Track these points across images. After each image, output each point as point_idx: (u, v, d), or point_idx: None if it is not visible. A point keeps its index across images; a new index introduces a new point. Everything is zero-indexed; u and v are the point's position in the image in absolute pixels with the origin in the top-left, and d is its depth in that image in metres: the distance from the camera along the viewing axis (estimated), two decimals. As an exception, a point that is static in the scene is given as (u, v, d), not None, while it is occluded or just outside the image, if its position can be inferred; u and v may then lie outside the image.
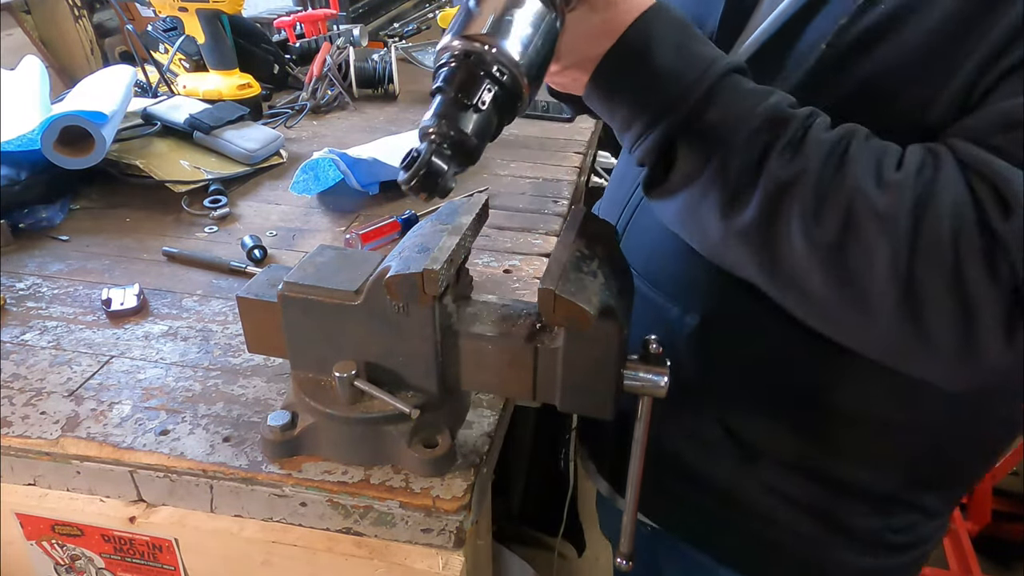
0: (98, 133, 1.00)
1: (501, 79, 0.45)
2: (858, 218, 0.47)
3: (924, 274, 0.46)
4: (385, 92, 1.52)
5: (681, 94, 0.52)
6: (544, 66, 0.49)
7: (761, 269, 0.53)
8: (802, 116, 0.51)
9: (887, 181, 0.47)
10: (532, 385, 0.60)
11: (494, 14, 0.45)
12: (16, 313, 0.83)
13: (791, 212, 0.49)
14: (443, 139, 0.44)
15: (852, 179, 0.48)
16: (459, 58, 0.45)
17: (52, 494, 0.67)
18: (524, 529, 1.67)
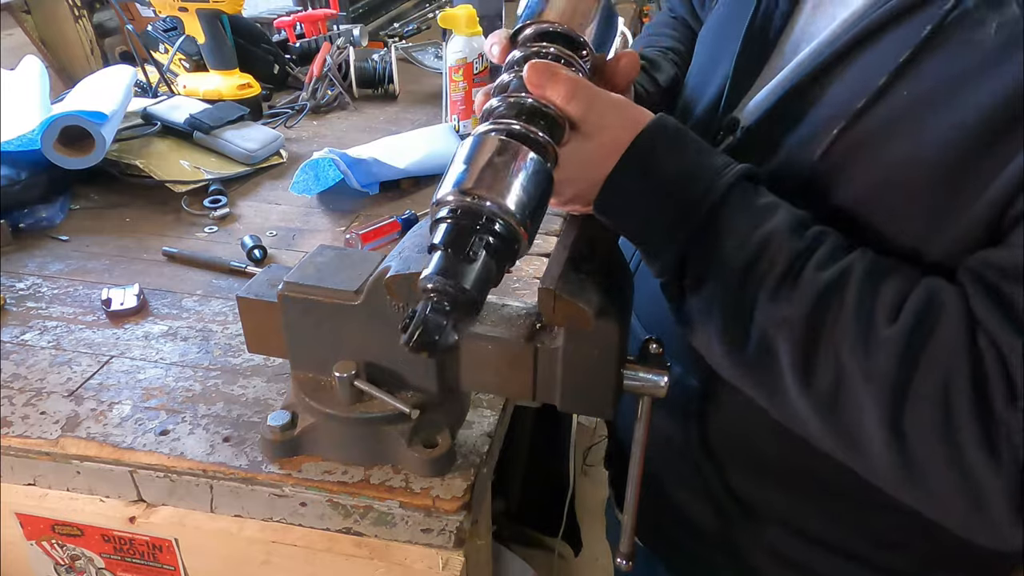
0: (98, 133, 1.00)
1: (495, 229, 0.44)
2: (847, 377, 0.45)
3: (920, 447, 0.44)
4: (385, 92, 1.52)
5: (684, 216, 0.50)
6: (541, 207, 0.48)
7: (762, 399, 0.52)
8: (798, 248, 0.48)
9: (878, 339, 0.44)
10: (532, 385, 0.59)
11: (487, 168, 0.45)
12: (16, 313, 0.83)
13: (783, 358, 0.47)
14: (441, 295, 0.43)
15: (841, 333, 0.45)
16: (453, 213, 0.45)
17: (52, 494, 0.67)
18: (524, 529, 1.67)
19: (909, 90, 0.48)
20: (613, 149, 0.51)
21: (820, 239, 0.49)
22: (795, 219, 0.50)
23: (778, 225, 0.49)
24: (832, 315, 0.46)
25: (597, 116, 0.52)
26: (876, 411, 0.45)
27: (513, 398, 0.74)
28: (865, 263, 0.47)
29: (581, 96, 0.51)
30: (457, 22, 1.23)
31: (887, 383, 0.44)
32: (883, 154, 0.48)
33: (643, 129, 0.51)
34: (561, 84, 0.50)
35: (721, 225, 0.50)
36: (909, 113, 0.48)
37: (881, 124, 0.49)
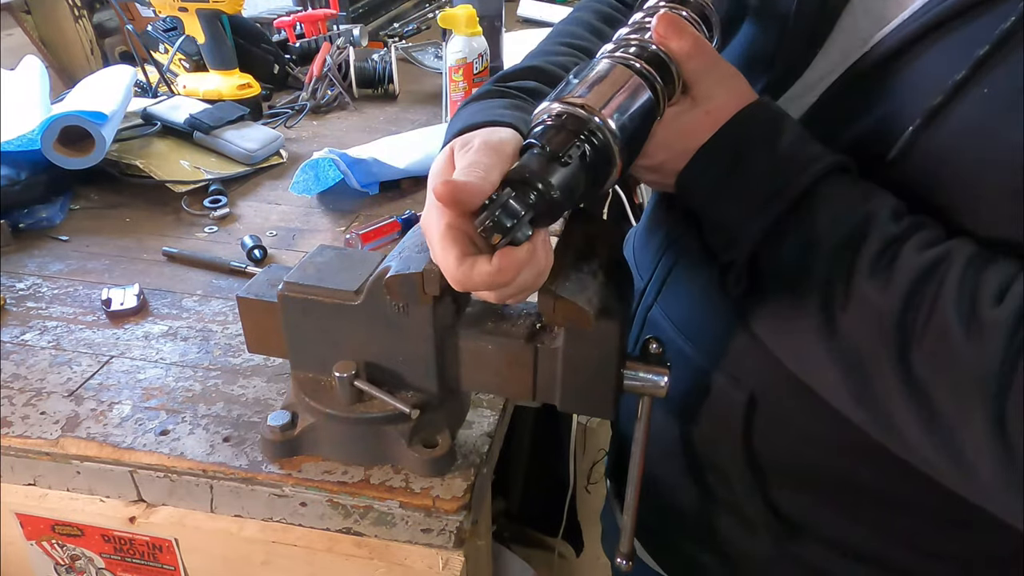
0: (98, 133, 1.00)
1: (594, 141, 0.44)
2: (945, 363, 0.42)
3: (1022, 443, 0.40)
4: (385, 92, 1.52)
5: (774, 197, 0.48)
6: (638, 143, 0.47)
7: (852, 397, 0.49)
8: (894, 232, 0.46)
9: (981, 321, 0.41)
10: (532, 385, 0.59)
11: (599, 87, 0.45)
12: (16, 313, 0.83)
13: (877, 343, 0.45)
14: (525, 185, 0.42)
15: (941, 315, 0.43)
16: (556, 117, 0.44)
17: (52, 494, 0.67)
18: (524, 529, 1.67)
19: (989, 87, 0.45)
20: (716, 120, 0.50)
21: (921, 224, 0.47)
22: (894, 204, 0.48)
23: (876, 207, 0.47)
24: (931, 297, 0.43)
25: (711, 82, 0.51)
26: (976, 404, 0.41)
27: (513, 398, 0.74)
28: (969, 248, 0.45)
29: (702, 57, 0.50)
30: (457, 22, 1.23)
31: (989, 371, 0.41)
32: (965, 155, 0.46)
33: (748, 104, 0.50)
34: (687, 39, 0.50)
35: (817, 205, 0.48)
36: (991, 112, 0.45)
37: (961, 125, 0.46)
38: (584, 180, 0.44)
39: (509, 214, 0.41)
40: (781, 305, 0.51)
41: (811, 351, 0.50)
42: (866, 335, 0.46)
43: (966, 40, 0.47)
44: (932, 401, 0.44)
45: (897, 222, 0.47)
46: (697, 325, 0.65)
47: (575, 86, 0.46)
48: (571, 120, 0.44)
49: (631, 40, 0.51)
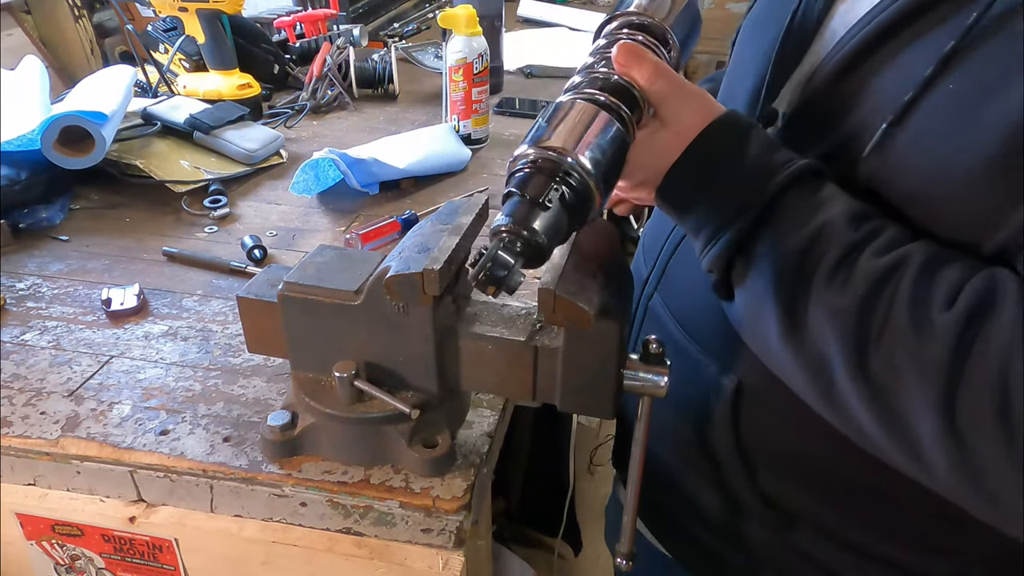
0: (98, 133, 1.00)
1: (571, 183, 0.46)
2: (899, 364, 0.44)
3: (974, 438, 0.42)
4: (385, 92, 1.52)
5: (741, 208, 0.50)
6: (615, 175, 0.49)
7: (813, 396, 0.51)
8: (853, 238, 0.47)
9: (932, 324, 0.43)
10: (532, 385, 0.60)
11: (569, 128, 0.47)
12: (16, 313, 0.83)
13: (835, 346, 0.47)
14: (512, 235, 0.44)
15: (895, 319, 0.44)
16: (533, 164, 0.46)
17: (52, 494, 0.67)
18: (524, 529, 1.67)
19: (956, 82, 0.47)
20: (685, 137, 0.53)
21: (880, 230, 0.48)
22: (855, 210, 0.49)
23: (835, 215, 0.49)
24: (886, 301, 0.45)
25: (675, 103, 0.53)
26: (929, 400, 0.43)
27: (513, 398, 0.74)
28: (924, 252, 0.46)
29: (664, 80, 0.52)
30: (457, 22, 1.23)
31: (940, 370, 0.43)
32: (934, 149, 0.47)
33: (713, 121, 0.53)
34: (647, 65, 0.52)
35: (778, 215, 0.50)
36: (957, 106, 0.46)
37: (929, 118, 0.48)
38: (567, 219, 0.46)
39: (501, 266, 0.44)
40: (751, 310, 0.53)
41: (779, 355, 0.52)
42: (826, 340, 0.47)
43: (937, 37, 0.48)
44: (890, 401, 0.45)
45: (856, 228, 0.48)
46: (692, 314, 0.67)
47: (546, 129, 0.47)
48: (546, 164, 0.46)
49: (595, 72, 0.53)
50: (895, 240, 0.48)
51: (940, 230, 0.48)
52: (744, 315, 0.54)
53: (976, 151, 0.45)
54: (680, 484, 0.71)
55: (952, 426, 0.43)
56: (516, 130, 1.37)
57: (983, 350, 0.42)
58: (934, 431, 0.44)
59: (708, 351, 0.65)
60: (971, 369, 0.42)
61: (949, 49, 0.46)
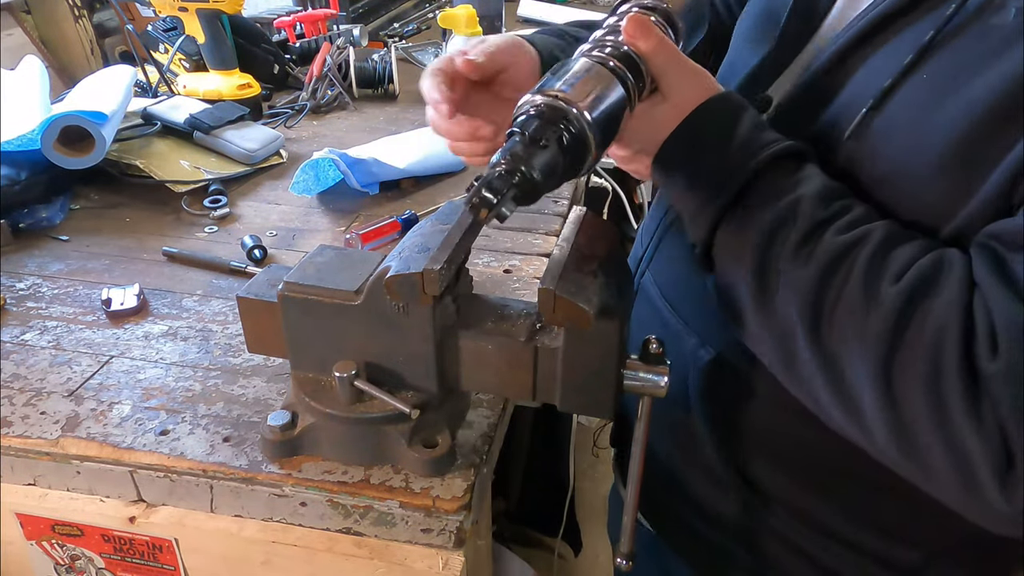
0: (98, 133, 1.00)
1: (571, 129, 0.48)
2: (848, 335, 0.46)
3: (907, 403, 0.45)
4: (385, 92, 1.52)
5: (724, 182, 0.52)
6: (611, 132, 0.51)
7: (783, 367, 0.52)
8: (821, 215, 0.50)
9: (880, 297, 0.46)
10: (532, 385, 0.60)
11: (575, 82, 0.49)
12: (16, 313, 0.83)
13: (796, 319, 0.49)
14: (507, 166, 0.46)
15: (848, 292, 0.47)
16: (537, 107, 0.48)
17: (52, 494, 0.67)
18: (524, 529, 1.67)
19: (928, 72, 0.49)
20: (680, 112, 0.54)
21: (848, 208, 0.50)
22: (827, 189, 0.51)
23: (807, 192, 0.51)
24: (843, 275, 0.47)
25: (676, 78, 0.55)
26: (868, 367, 0.45)
27: (513, 398, 0.74)
28: (884, 231, 0.49)
29: (667, 54, 0.54)
30: (457, 22, 1.23)
31: (881, 339, 0.45)
32: (904, 135, 0.50)
33: (709, 98, 0.54)
34: (653, 37, 0.54)
35: (757, 191, 0.52)
36: (928, 95, 0.49)
37: (903, 106, 0.50)
38: (562, 163, 0.48)
39: (493, 190, 0.45)
40: (726, 282, 0.55)
41: (750, 326, 0.53)
42: (789, 312, 0.49)
43: (920, 29, 0.51)
44: (839, 370, 0.48)
45: (826, 206, 0.50)
46: (677, 288, 0.70)
47: (555, 81, 0.50)
48: (551, 110, 0.48)
49: (606, 41, 0.55)
50: (860, 218, 0.50)
51: (905, 213, 0.50)
52: (721, 287, 0.56)
53: (940, 139, 0.48)
54: (673, 470, 0.72)
55: (889, 393, 0.45)
56: (516, 130, 1.37)
57: (921, 322, 0.44)
58: (873, 398, 0.46)
59: (689, 324, 0.67)
60: (908, 340, 0.44)
61: (927, 40, 0.49)
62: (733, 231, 0.53)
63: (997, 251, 0.45)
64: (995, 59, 0.46)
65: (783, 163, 0.52)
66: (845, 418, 0.49)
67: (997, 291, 0.43)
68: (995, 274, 0.44)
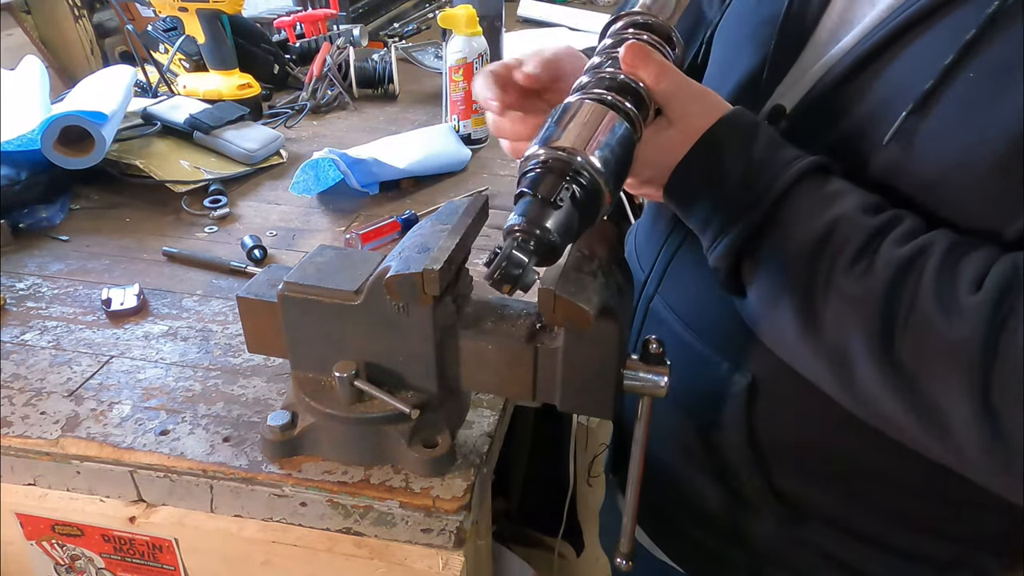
0: (98, 133, 1.00)
1: (582, 182, 0.47)
2: (928, 350, 0.44)
3: (1009, 416, 0.42)
4: (385, 92, 1.52)
5: (750, 204, 0.51)
6: (623, 173, 0.50)
7: (839, 388, 0.51)
8: (873, 226, 0.48)
9: (961, 307, 0.43)
10: (532, 385, 0.59)
11: (578, 128, 0.48)
12: (16, 313, 0.83)
13: (859, 336, 0.47)
14: (525, 235, 0.45)
15: (921, 305, 0.45)
16: (544, 164, 0.47)
17: (52, 494, 0.67)
18: (524, 529, 1.67)
19: (976, 71, 0.47)
20: (692, 135, 0.53)
21: (898, 219, 0.49)
22: (868, 201, 0.50)
23: (848, 207, 0.49)
24: (911, 289, 0.45)
25: (682, 102, 0.53)
26: (963, 382, 0.43)
27: (513, 398, 0.74)
28: (946, 240, 0.47)
29: (670, 80, 0.53)
30: (457, 22, 1.23)
31: (973, 350, 0.43)
32: (953, 137, 0.48)
33: (719, 118, 0.53)
34: (653, 65, 0.53)
35: (787, 212, 0.50)
36: (979, 93, 0.47)
37: (952, 106, 0.48)
38: (578, 218, 0.47)
39: (515, 264, 0.45)
40: (765, 306, 0.53)
41: (797, 349, 0.52)
42: (847, 330, 0.48)
43: (955, 26, 0.48)
44: (919, 388, 0.46)
45: (874, 216, 0.49)
46: (699, 313, 0.67)
47: (555, 130, 0.48)
48: (557, 164, 0.46)
49: (602, 72, 0.54)
50: (914, 229, 0.48)
51: (959, 219, 0.48)
52: (758, 311, 0.54)
53: (996, 140, 0.45)
54: (681, 485, 0.71)
55: (986, 405, 0.43)
56: (516, 130, 1.37)
57: (1014, 331, 0.42)
58: (966, 415, 0.44)
59: (718, 349, 0.65)
60: (1004, 347, 0.42)
61: (971, 37, 0.47)
62: (766, 254, 0.51)
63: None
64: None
65: (811, 178, 0.51)
66: (927, 436, 0.47)
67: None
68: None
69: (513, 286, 0.45)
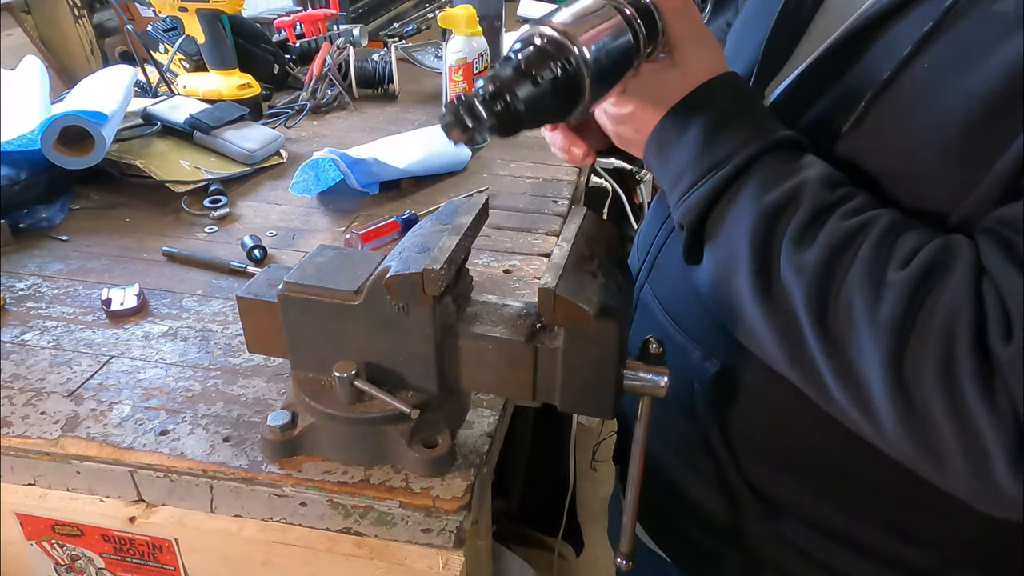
0: (98, 133, 1.00)
1: (567, 67, 0.46)
2: (855, 321, 0.46)
3: (919, 390, 0.44)
4: (385, 92, 1.52)
5: (723, 159, 0.52)
6: (609, 82, 0.50)
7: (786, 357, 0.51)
8: (828, 199, 0.49)
9: (887, 282, 0.45)
10: (532, 385, 0.60)
11: (584, 19, 0.48)
12: (16, 313, 0.83)
13: (800, 303, 0.48)
14: (493, 92, 0.44)
15: (854, 278, 0.46)
16: (537, 37, 0.47)
17: (52, 494, 0.67)
18: (524, 529, 1.67)
19: (930, 61, 0.49)
20: (692, 82, 0.54)
21: (852, 195, 0.50)
22: (830, 175, 0.51)
23: (810, 176, 0.50)
24: (847, 260, 0.47)
25: (692, 46, 0.54)
26: (879, 355, 0.45)
27: (513, 398, 0.74)
28: (890, 217, 0.48)
29: (688, 20, 0.53)
30: (457, 22, 1.23)
31: (891, 325, 0.44)
32: (906, 123, 0.49)
33: (718, 75, 0.54)
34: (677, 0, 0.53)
35: (757, 171, 0.51)
36: (929, 83, 0.48)
37: (904, 94, 0.50)
38: (551, 103, 0.46)
39: (473, 116, 0.43)
40: (722, 267, 0.54)
41: (751, 315, 0.52)
42: (794, 296, 0.49)
43: (921, 17, 0.50)
44: (846, 356, 0.47)
45: (831, 191, 0.50)
46: (678, 301, 0.69)
47: (563, 13, 0.48)
48: (550, 43, 0.46)
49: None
50: (864, 205, 0.50)
51: (908, 203, 0.50)
52: (715, 274, 0.55)
53: (941, 129, 0.47)
54: (675, 480, 0.72)
55: (899, 379, 0.44)
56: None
57: (931, 308, 0.44)
58: (884, 387, 0.45)
59: (693, 337, 0.66)
60: (919, 326, 0.44)
61: (928, 29, 0.48)
62: (730, 212, 0.52)
63: (1005, 235, 0.44)
64: (995, 47, 0.46)
65: (786, 146, 0.52)
66: (854, 408, 0.48)
67: (1009, 275, 0.43)
68: (1006, 259, 0.43)
69: (462, 133, 0.44)
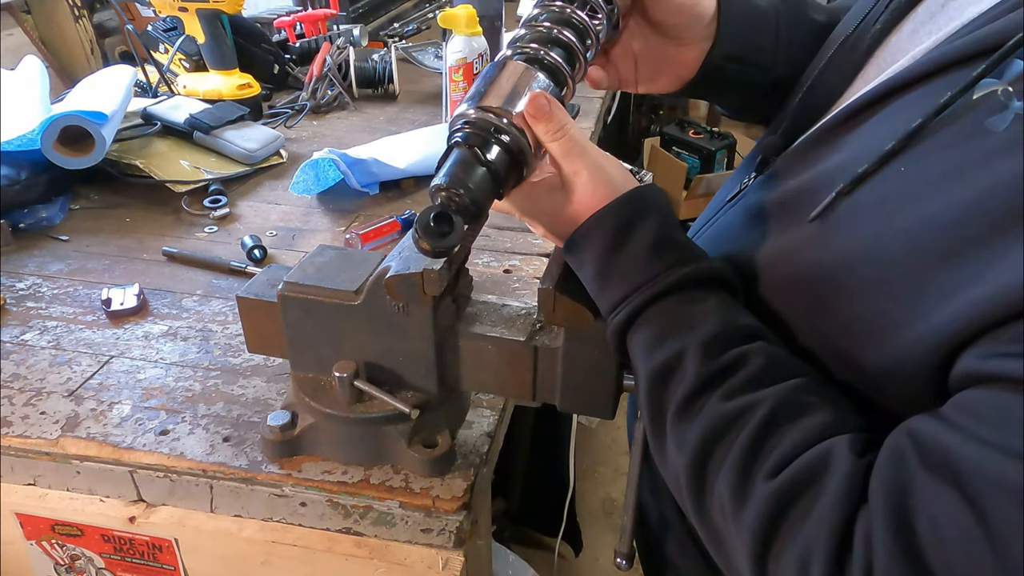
0: (98, 133, 1.00)
1: (507, 143, 0.47)
2: (728, 517, 0.44)
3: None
4: (385, 92, 1.52)
5: (620, 301, 0.50)
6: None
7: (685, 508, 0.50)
8: (710, 370, 0.46)
9: (754, 492, 0.43)
10: (532, 385, 0.60)
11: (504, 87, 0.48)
12: (16, 313, 0.83)
13: (684, 479, 0.47)
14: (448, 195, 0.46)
15: (724, 477, 0.44)
16: (473, 123, 0.48)
17: (52, 494, 0.67)
18: (524, 529, 1.67)
19: (907, 166, 0.44)
20: (581, 210, 0.51)
21: (741, 363, 0.46)
22: (724, 333, 0.47)
23: (697, 338, 0.47)
24: (720, 456, 0.45)
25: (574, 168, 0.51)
26: (746, 560, 0.43)
27: (513, 398, 0.74)
28: (775, 402, 0.45)
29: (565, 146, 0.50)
30: (457, 22, 1.23)
31: (754, 537, 0.42)
32: (864, 230, 0.44)
33: (599, 210, 0.50)
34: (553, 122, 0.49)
35: (650, 321, 0.49)
36: (898, 193, 0.43)
37: (872, 197, 0.45)
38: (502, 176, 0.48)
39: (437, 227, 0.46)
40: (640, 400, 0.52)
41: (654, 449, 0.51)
42: (678, 469, 0.47)
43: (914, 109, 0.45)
44: (724, 549, 0.46)
45: (714, 358, 0.47)
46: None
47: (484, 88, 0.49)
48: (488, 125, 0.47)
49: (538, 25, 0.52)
50: (756, 378, 0.46)
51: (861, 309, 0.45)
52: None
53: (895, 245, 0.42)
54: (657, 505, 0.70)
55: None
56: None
57: (792, 529, 0.41)
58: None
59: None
60: (776, 550, 0.42)
61: (914, 127, 0.43)
62: (633, 351, 0.50)
63: (907, 465, 0.39)
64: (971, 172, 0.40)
65: (681, 292, 0.49)
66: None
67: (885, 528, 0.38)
68: (891, 504, 0.38)
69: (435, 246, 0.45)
